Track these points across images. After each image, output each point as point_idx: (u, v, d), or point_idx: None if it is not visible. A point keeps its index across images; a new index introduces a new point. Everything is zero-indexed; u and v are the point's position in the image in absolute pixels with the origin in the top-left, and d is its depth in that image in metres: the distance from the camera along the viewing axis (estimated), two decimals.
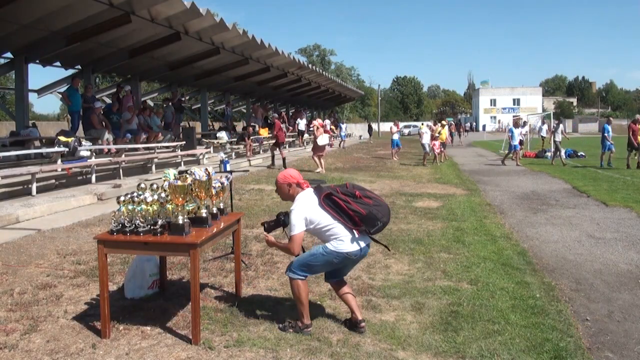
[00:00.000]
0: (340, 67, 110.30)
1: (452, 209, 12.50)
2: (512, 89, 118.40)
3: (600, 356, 5.04)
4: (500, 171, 23.49)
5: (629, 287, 7.13)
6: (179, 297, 6.26)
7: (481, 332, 5.35)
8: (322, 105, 59.51)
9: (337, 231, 5.24)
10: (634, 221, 11.48)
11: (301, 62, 33.09)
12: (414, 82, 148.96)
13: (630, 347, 5.27)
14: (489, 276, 7.24)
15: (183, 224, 5.05)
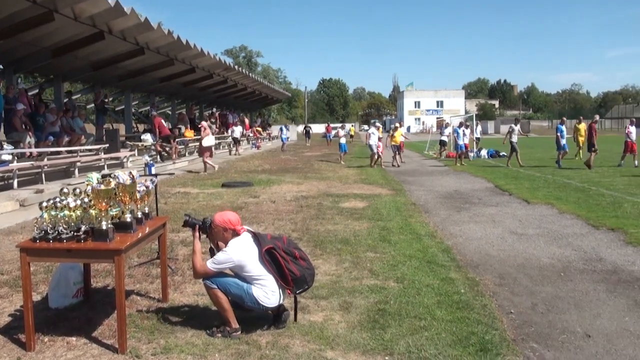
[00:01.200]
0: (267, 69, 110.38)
1: (378, 209, 12.66)
2: (435, 92, 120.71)
3: (525, 347, 5.20)
4: (424, 171, 23.92)
5: (551, 280, 7.39)
6: (105, 305, 6.13)
7: (408, 328, 5.45)
8: (249, 106, 59.27)
9: (266, 284, 5.32)
10: (555, 217, 11.89)
11: (227, 63, 32.85)
12: (339, 85, 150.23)
13: (554, 337, 5.47)
14: (414, 274, 7.36)
15: (107, 230, 4.94)
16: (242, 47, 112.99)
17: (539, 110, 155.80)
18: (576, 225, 10.98)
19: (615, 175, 20.45)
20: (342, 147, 30.30)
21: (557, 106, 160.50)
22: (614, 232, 10.27)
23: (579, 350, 5.19)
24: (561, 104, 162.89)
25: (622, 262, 8.24)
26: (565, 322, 5.87)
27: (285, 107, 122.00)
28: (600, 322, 5.88)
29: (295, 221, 11.14)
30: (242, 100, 50.03)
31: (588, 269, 7.91)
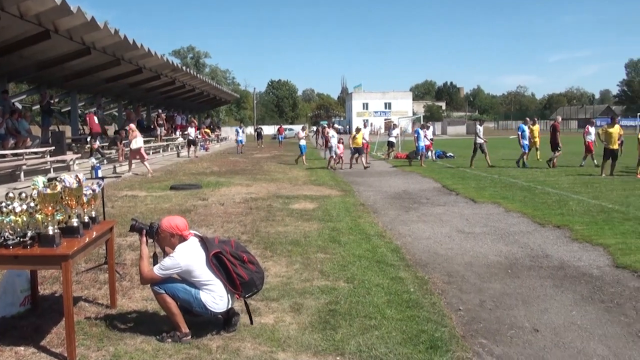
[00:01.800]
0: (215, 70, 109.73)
1: (328, 210, 12.69)
2: (383, 94, 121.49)
3: (474, 343, 5.28)
4: (373, 172, 24.06)
5: (499, 277, 7.52)
6: (53, 312, 5.98)
7: (359, 328, 5.47)
8: (197, 108, 58.81)
9: (215, 289, 5.29)
10: (501, 216, 12.10)
11: (175, 64, 32.52)
12: (288, 86, 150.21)
13: (502, 333, 5.57)
14: (364, 274, 7.40)
15: (53, 235, 4.82)
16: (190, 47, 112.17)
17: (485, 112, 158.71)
18: (522, 223, 11.20)
19: (560, 174, 20.91)
20: (302, 149, 29.85)
21: (503, 108, 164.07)
22: (560, 229, 10.51)
23: (528, 344, 5.29)
24: (507, 106, 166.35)
25: (568, 258, 8.43)
26: (513, 318, 5.98)
27: (233, 109, 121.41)
28: (547, 317, 6.01)
29: (245, 223, 11.08)
30: (190, 101, 49.63)
31: (535, 266, 8.07)
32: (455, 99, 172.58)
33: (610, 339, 5.44)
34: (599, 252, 8.79)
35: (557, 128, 25.09)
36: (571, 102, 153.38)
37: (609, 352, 5.14)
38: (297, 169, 25.29)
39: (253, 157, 35.24)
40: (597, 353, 5.11)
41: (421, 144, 26.80)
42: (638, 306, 6.38)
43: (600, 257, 8.47)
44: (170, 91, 38.83)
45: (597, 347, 5.23)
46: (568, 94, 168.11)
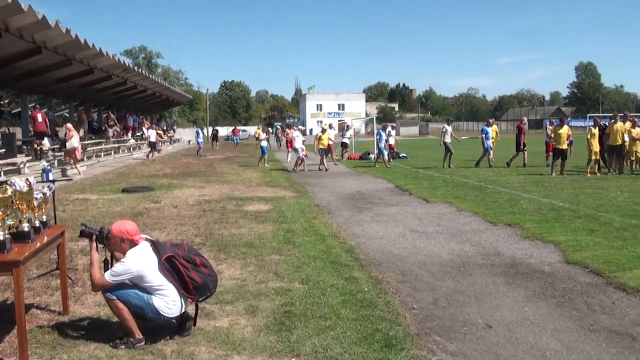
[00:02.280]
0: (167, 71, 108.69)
1: (282, 212, 12.66)
2: (337, 95, 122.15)
3: (429, 340, 5.33)
4: (327, 173, 24.10)
5: (451, 275, 7.61)
6: (4, 320, 5.81)
7: (314, 329, 5.46)
8: (150, 109, 58.04)
9: (167, 294, 5.22)
10: (453, 215, 12.25)
11: (127, 64, 32.03)
12: (242, 87, 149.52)
13: (456, 330, 5.64)
14: (319, 274, 7.40)
15: (4, 240, 4.68)
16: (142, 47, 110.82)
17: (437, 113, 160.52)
18: (474, 222, 11.36)
19: (511, 174, 21.32)
20: (264, 150, 29.23)
21: (455, 109, 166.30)
22: (511, 227, 10.69)
23: (481, 340, 5.37)
24: (458, 107, 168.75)
25: (519, 256, 8.59)
26: (466, 315, 6.06)
27: (186, 110, 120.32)
28: (500, 313, 6.11)
29: (198, 226, 10.98)
30: (142, 102, 48.97)
31: (487, 263, 8.19)
32: (408, 100, 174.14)
33: (562, 333, 5.55)
34: (550, 249, 8.97)
35: (523, 129, 25.63)
36: (522, 104, 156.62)
37: (561, 346, 5.25)
38: (250, 171, 25.15)
39: (206, 159, 34.97)
40: (550, 347, 5.21)
41: (381, 145, 26.76)
42: (589, 301, 6.53)
43: (551, 254, 8.65)
44: (122, 92, 38.22)
45: (549, 342, 5.34)
46: (519, 96, 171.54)
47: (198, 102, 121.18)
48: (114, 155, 33.80)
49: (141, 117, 48.74)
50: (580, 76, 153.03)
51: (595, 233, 9.98)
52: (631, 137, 20.57)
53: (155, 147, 35.69)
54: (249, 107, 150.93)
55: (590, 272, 7.63)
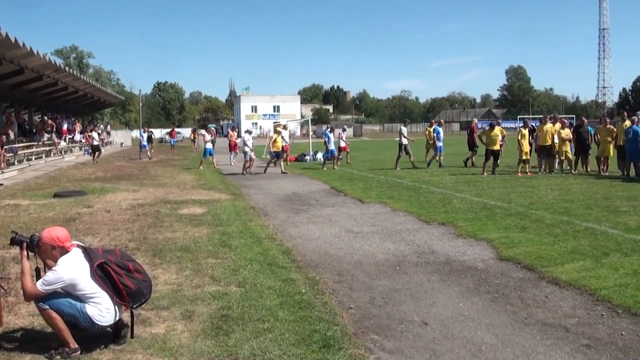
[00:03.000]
0: (99, 71, 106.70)
1: (218, 214, 12.54)
2: (272, 97, 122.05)
3: (366, 339, 5.38)
4: (263, 175, 24.01)
5: (387, 274, 7.69)
6: None
7: (252, 332, 5.42)
8: (81, 110, 56.66)
9: (101, 301, 5.10)
10: (388, 215, 12.38)
11: (58, 64, 31.11)
12: (175, 88, 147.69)
13: (393, 328, 5.71)
14: (256, 277, 7.36)
15: None
16: (73, 47, 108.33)
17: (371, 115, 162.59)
18: (409, 222, 11.50)
19: (444, 174, 21.66)
20: (208, 152, 28.76)
21: (388, 111, 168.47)
22: (445, 226, 10.87)
23: (418, 337, 5.44)
24: (391, 109, 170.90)
25: (453, 253, 8.74)
26: (403, 313, 6.13)
27: (118, 111, 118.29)
28: (436, 310, 6.21)
29: (132, 230, 10.78)
30: (73, 103, 47.75)
31: (422, 262, 8.31)
32: (342, 102, 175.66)
33: (497, 328, 5.68)
34: (483, 246, 9.16)
35: (474, 129, 26.14)
36: (453, 106, 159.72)
37: (496, 340, 5.37)
38: (185, 173, 24.82)
39: (139, 162, 34.39)
40: (485, 341, 5.32)
41: (331, 147, 26.43)
42: (523, 295, 6.71)
43: (484, 251, 8.83)
44: (54, 93, 37.12)
45: (485, 336, 5.45)
46: (450, 98, 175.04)
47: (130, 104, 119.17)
48: (46, 159, 32.85)
49: (73, 119, 47.46)
50: (510, 79, 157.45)
51: (527, 230, 10.25)
52: (561, 137, 21.19)
53: (100, 150, 34.66)
54: (183, 108, 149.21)
55: (523, 268, 7.83)
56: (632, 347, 5.20)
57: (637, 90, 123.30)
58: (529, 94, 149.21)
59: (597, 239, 9.38)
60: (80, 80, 38.25)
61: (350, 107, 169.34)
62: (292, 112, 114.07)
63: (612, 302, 6.34)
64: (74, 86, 38.28)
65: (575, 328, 5.68)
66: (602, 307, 6.26)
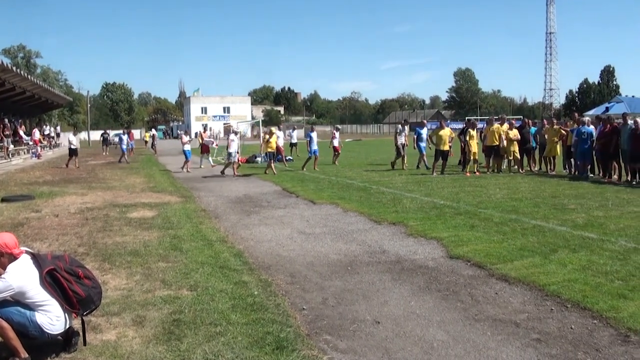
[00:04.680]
0: (47, 72, 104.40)
1: (168, 217, 12.41)
2: (222, 98, 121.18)
3: (319, 340, 5.41)
4: (214, 177, 23.85)
5: (339, 275, 7.74)
6: None
7: (204, 336, 5.39)
8: (28, 112, 55.38)
9: (51, 309, 5.00)
10: (340, 216, 12.43)
11: (5, 64, 30.33)
12: (124, 89, 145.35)
13: (345, 328, 5.74)
14: (207, 280, 7.31)
15: None
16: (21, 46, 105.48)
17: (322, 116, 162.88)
18: (360, 222, 11.57)
19: (394, 174, 21.83)
20: (188, 155, 27.81)
21: (339, 112, 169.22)
22: (395, 225, 10.97)
23: (370, 336, 5.49)
24: (342, 110, 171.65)
25: (404, 253, 8.84)
26: (355, 312, 6.17)
27: (66, 112, 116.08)
28: (388, 309, 6.27)
29: (81, 235, 10.59)
30: (20, 104, 46.64)
31: (373, 261, 8.38)
32: (293, 103, 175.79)
33: (448, 325, 5.77)
34: (433, 245, 9.28)
35: None
36: (403, 107, 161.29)
37: (448, 336, 5.46)
38: (134, 176, 24.39)
39: (88, 164, 33.73)
40: (437, 338, 5.40)
41: (314, 148, 25.77)
42: (473, 292, 6.83)
43: (434, 250, 8.96)
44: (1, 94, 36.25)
45: (436, 333, 5.53)
46: (400, 100, 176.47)
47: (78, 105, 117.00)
48: None
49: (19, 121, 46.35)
50: (458, 81, 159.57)
51: (476, 228, 10.43)
52: (509, 138, 21.59)
53: (77, 154, 33.37)
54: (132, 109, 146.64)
55: (472, 265, 7.97)
56: (581, 340, 5.35)
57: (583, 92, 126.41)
58: (477, 96, 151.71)
59: (545, 236, 9.62)
60: (27, 80, 37.32)
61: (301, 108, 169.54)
62: (242, 113, 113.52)
63: (561, 297, 6.51)
64: (21, 87, 37.34)
65: (525, 323, 5.82)
66: (552, 302, 6.42)
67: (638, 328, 5.52)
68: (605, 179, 18.58)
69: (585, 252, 8.52)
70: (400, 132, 25.45)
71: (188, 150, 28.00)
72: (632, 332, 5.47)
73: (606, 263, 7.84)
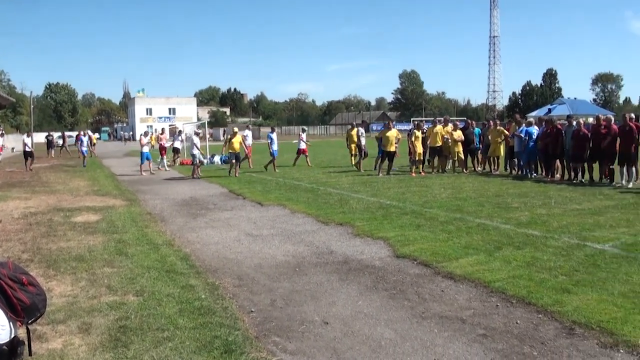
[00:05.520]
0: None
1: (113, 221, 12.23)
2: (167, 99, 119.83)
3: (268, 342, 5.41)
4: (159, 179, 23.58)
5: (287, 276, 7.76)
6: None
7: (152, 342, 5.34)
8: None
9: None
10: (287, 217, 12.45)
11: None
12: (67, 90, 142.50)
13: (294, 329, 5.76)
14: (154, 285, 7.24)
15: None
16: None
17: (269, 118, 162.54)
18: (307, 223, 11.62)
19: (341, 175, 21.94)
20: (145, 156, 27.02)
21: (286, 114, 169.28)
22: (343, 226, 11.04)
23: (319, 337, 5.52)
24: (289, 112, 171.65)
25: (351, 253, 8.91)
26: (303, 314, 6.20)
27: (9, 114, 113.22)
28: (336, 309, 6.31)
29: (25, 241, 10.35)
30: None
31: (321, 262, 8.43)
32: (240, 105, 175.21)
33: (396, 323, 5.86)
34: (380, 245, 9.38)
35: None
36: (349, 109, 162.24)
37: (395, 335, 5.53)
38: (78, 179, 23.92)
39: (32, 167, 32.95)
40: (385, 337, 5.47)
41: (274, 149, 25.68)
42: (420, 290, 6.94)
43: (381, 250, 9.06)
44: None
45: (384, 332, 5.60)
46: (346, 101, 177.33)
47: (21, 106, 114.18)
48: None
49: None
50: (404, 83, 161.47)
51: (422, 228, 10.58)
52: (453, 139, 21.95)
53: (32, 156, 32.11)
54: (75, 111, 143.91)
55: (419, 264, 8.09)
56: (527, 335, 5.49)
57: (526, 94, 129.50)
58: (422, 97, 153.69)
59: (490, 234, 9.82)
60: None
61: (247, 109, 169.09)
62: (188, 114, 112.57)
63: (506, 293, 6.67)
64: None
65: (471, 319, 5.94)
66: (497, 298, 6.57)
67: (582, 321, 5.70)
68: (548, 178, 19.12)
69: (529, 249, 8.75)
70: (362, 134, 25.95)
71: (147, 152, 27.41)
72: (577, 325, 5.64)
73: (550, 259, 8.08)
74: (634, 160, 16.67)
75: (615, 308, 6.05)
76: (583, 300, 6.34)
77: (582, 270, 7.50)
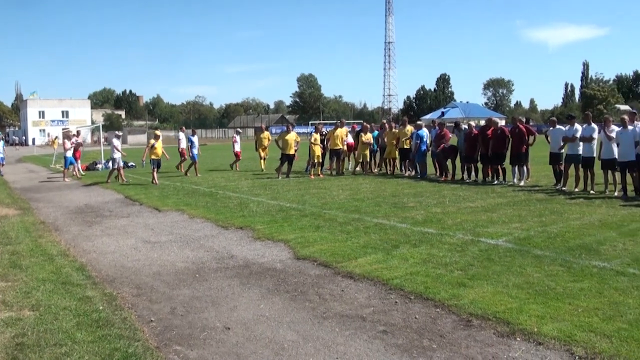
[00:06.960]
0: None
1: (5, 232, 11.73)
2: (60, 101, 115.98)
3: (169, 351, 5.35)
4: (52, 187, 22.76)
5: (187, 283, 7.70)
6: None
7: (50, 358, 5.17)
8: None
9: None
10: (186, 223, 12.31)
11: None
12: None
13: (196, 336, 5.73)
14: (50, 298, 7.01)
15: None
16: None
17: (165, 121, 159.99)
18: (207, 228, 11.55)
19: (240, 179, 21.89)
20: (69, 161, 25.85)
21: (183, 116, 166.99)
22: (243, 230, 11.05)
23: (221, 343, 5.52)
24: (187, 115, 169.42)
25: (252, 256, 8.94)
26: (205, 320, 6.17)
27: None
28: (237, 314, 6.33)
29: None
30: None
31: (221, 267, 8.41)
32: (135, 107, 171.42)
33: (298, 324, 5.94)
34: (281, 247, 9.46)
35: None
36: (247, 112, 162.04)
37: (298, 336, 5.61)
38: None
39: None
40: (287, 339, 5.54)
41: (195, 152, 24.87)
42: (320, 291, 7.06)
43: (282, 252, 9.14)
44: None
45: (286, 334, 5.67)
46: (245, 104, 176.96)
47: None
48: None
49: None
50: (302, 86, 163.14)
51: (322, 229, 10.74)
52: (362, 142, 22.34)
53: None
54: None
55: (319, 265, 8.22)
56: (425, 329, 5.71)
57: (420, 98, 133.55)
58: (320, 101, 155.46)
59: (387, 233, 10.09)
60: None
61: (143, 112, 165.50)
62: (82, 117, 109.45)
63: (405, 290, 6.89)
64: None
65: (371, 317, 6.10)
66: (396, 295, 6.78)
67: (479, 313, 5.98)
68: (442, 178, 19.78)
69: (426, 246, 9.06)
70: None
71: (70, 157, 26.23)
72: (474, 316, 5.91)
73: (445, 255, 8.40)
74: (524, 160, 17.55)
75: (510, 299, 6.37)
76: (479, 293, 6.64)
77: (477, 265, 7.84)
